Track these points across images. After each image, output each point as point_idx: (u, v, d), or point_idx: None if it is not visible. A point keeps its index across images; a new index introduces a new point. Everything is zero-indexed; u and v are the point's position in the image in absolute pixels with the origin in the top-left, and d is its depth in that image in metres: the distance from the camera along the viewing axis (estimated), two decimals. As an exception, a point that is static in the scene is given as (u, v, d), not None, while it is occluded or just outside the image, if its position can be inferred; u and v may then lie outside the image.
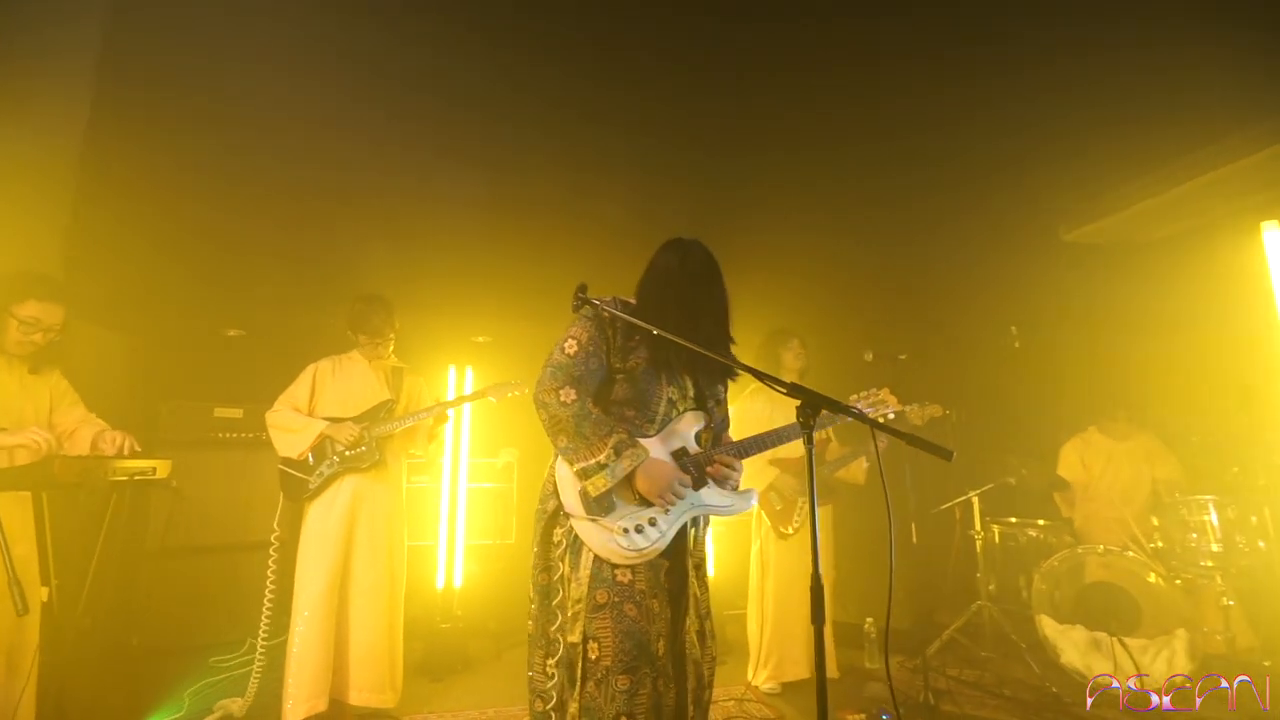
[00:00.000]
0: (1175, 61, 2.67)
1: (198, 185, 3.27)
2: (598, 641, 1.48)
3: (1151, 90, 2.88)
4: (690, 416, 1.70)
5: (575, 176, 3.47)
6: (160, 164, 3.08)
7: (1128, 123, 3.17)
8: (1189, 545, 2.89)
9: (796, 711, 2.71)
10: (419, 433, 2.79)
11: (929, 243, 4.08)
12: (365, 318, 2.71)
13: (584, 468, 1.54)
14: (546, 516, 1.65)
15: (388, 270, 4.26)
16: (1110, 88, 2.94)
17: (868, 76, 2.80)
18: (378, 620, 2.56)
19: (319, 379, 2.73)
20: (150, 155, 2.99)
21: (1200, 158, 3.40)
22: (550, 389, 1.59)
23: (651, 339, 1.62)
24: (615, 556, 1.54)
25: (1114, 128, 3.20)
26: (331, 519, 2.54)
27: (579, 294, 1.65)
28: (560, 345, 1.65)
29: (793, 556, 3.04)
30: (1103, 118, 3.14)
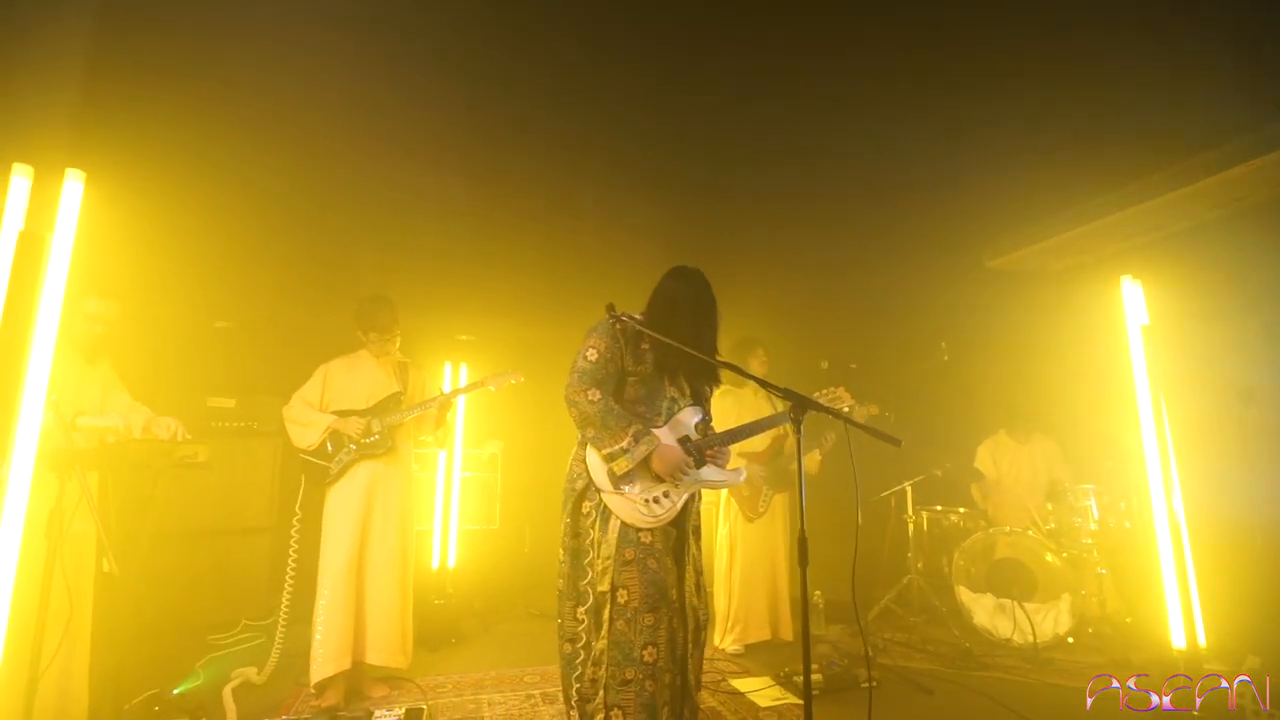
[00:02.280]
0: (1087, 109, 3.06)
1: (189, 183, 3.35)
2: (626, 589, 1.86)
3: (1064, 134, 3.30)
4: (689, 410, 2.10)
5: (552, 190, 3.77)
6: (152, 160, 3.13)
7: (1041, 166, 3.67)
8: (1074, 526, 3.53)
9: (758, 665, 3.16)
10: (427, 420, 3.07)
11: (875, 265, 4.64)
12: (373, 316, 2.96)
13: (610, 452, 1.92)
14: (576, 493, 2.01)
15: (375, 271, 4.49)
16: (1031, 129, 3.26)
17: (814, 105, 3.05)
18: (392, 590, 2.84)
19: (330, 377, 2.97)
20: (142, 149, 3.00)
21: (1097, 205, 4.08)
22: (579, 390, 1.96)
23: (658, 348, 2.02)
24: (639, 521, 1.92)
25: (1030, 169, 3.69)
26: (351, 501, 2.80)
27: (610, 311, 2.02)
28: (583, 353, 2.02)
29: (757, 538, 3.50)
30: (1019, 160, 3.59)
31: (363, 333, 3.00)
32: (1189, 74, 2.84)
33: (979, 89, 2.96)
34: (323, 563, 2.74)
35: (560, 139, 3.33)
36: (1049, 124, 3.22)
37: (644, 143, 3.41)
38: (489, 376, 3.04)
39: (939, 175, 3.68)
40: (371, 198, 3.79)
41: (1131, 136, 3.37)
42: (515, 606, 4.24)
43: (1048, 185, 3.91)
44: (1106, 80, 2.92)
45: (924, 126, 3.24)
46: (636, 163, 3.58)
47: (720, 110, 3.15)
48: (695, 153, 3.54)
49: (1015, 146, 3.41)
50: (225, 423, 3.88)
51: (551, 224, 4.12)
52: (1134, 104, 3.10)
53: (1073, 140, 3.39)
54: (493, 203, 3.91)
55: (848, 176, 3.68)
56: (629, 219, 4.11)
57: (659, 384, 2.06)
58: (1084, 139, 3.36)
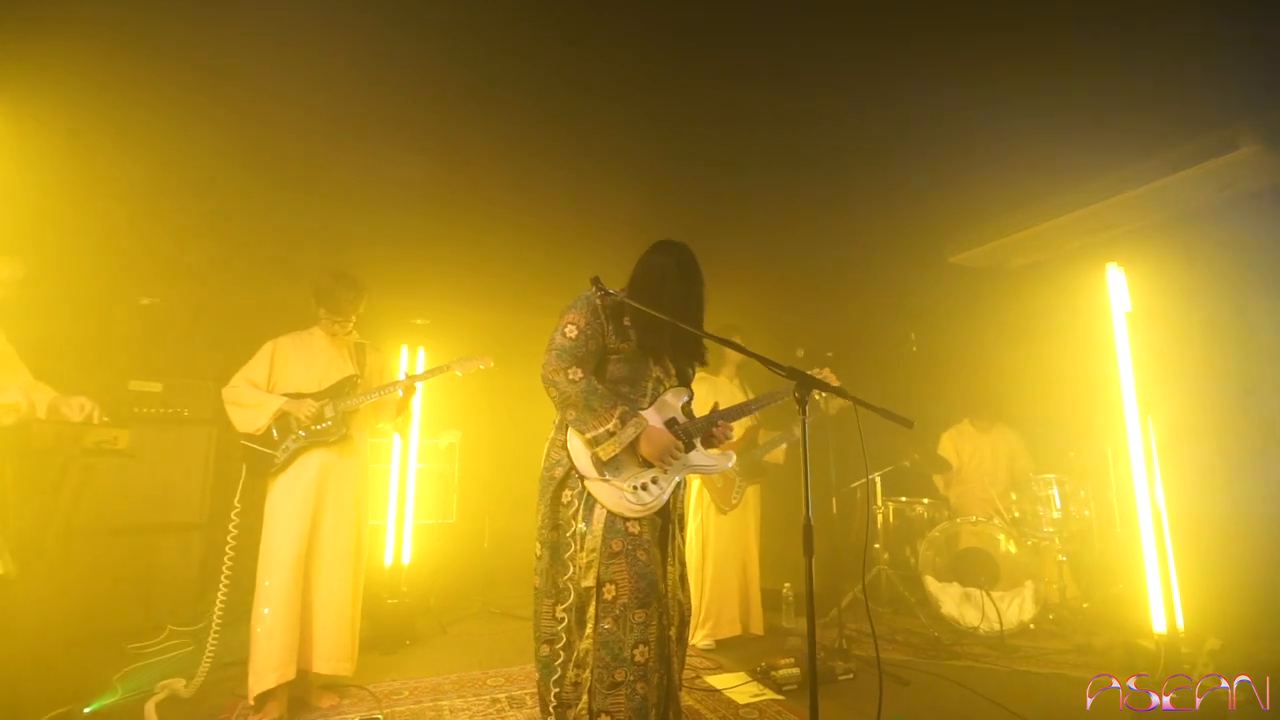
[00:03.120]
0: (1045, 110, 3.08)
1: (114, 141, 3.04)
2: (614, 584, 1.71)
3: (1022, 134, 3.38)
4: (675, 392, 1.97)
5: (517, 166, 3.57)
6: (74, 116, 2.82)
7: (1004, 167, 3.73)
8: (1037, 514, 3.58)
9: (731, 660, 3.07)
10: (386, 407, 2.84)
11: (845, 256, 4.64)
12: (330, 294, 2.72)
13: (595, 436, 1.76)
14: (555, 482, 1.85)
15: (324, 248, 4.18)
16: (989, 131, 3.26)
17: (796, 103, 3.04)
18: (343, 590, 2.60)
19: (278, 356, 2.71)
20: (63, 106, 2.71)
21: (1059, 202, 4.18)
22: (559, 369, 1.80)
23: (642, 325, 1.88)
24: (627, 510, 1.78)
25: (989, 169, 3.73)
26: (298, 492, 2.55)
27: (596, 284, 1.86)
28: (560, 330, 1.86)
29: (729, 531, 3.40)
30: (977, 159, 3.63)
31: (316, 307, 2.75)
32: (1149, 73, 2.90)
33: (942, 84, 2.94)
34: (264, 560, 2.48)
35: (526, 117, 3.17)
36: (1001, 124, 3.23)
37: (615, 126, 3.30)
38: (455, 361, 2.84)
39: (904, 171, 3.71)
40: (321, 169, 3.51)
41: (1086, 138, 3.46)
42: (473, 604, 4.03)
43: (1006, 184, 3.98)
44: (1065, 82, 2.97)
45: (889, 123, 3.23)
46: (607, 146, 3.46)
47: (692, 99, 3.07)
48: (668, 141, 3.44)
49: (974, 145, 3.44)
50: (150, 409, 3.51)
51: (516, 205, 3.94)
52: (1090, 104, 3.16)
53: (1027, 142, 3.44)
54: (454, 181, 3.70)
55: (818, 167, 3.65)
56: (597, 203, 3.95)
57: (643, 363, 1.92)
58: (1034, 142, 3.41)
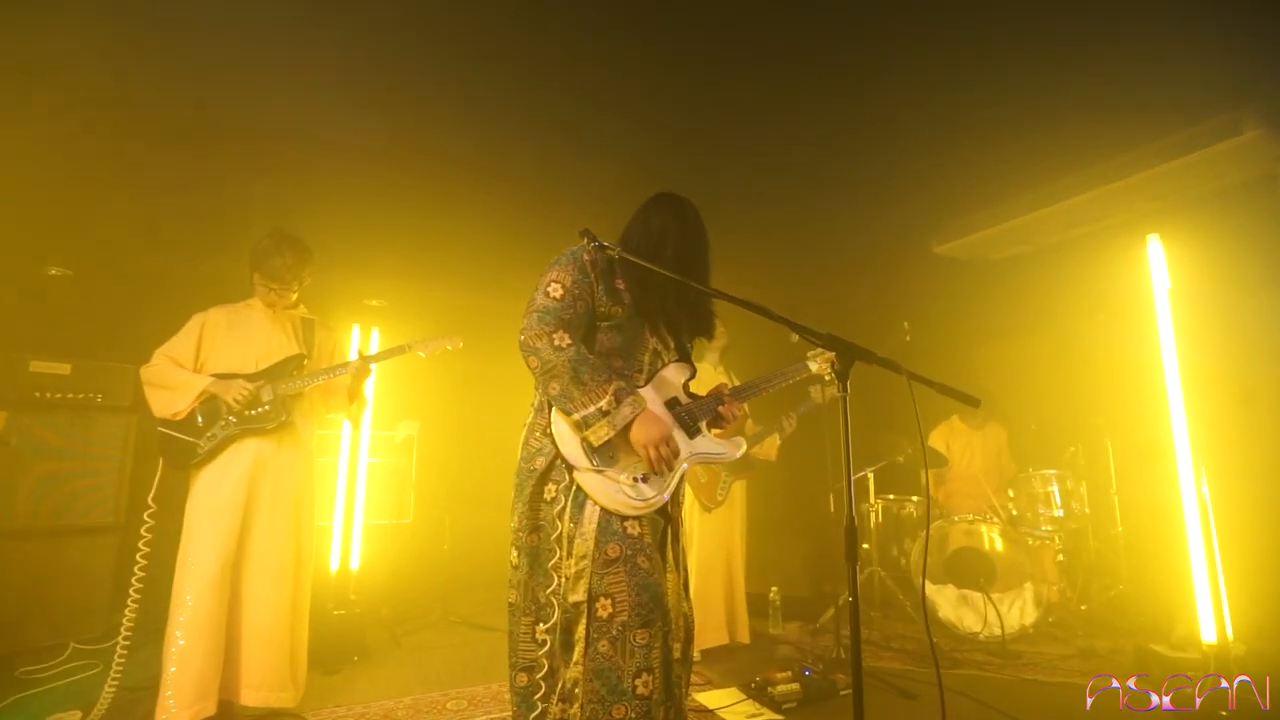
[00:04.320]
0: (1029, 102, 3.01)
1: (21, 87, 2.61)
2: (610, 597, 1.41)
3: (1006, 125, 3.24)
4: (676, 367, 1.69)
5: (486, 129, 3.23)
6: None
7: (988, 157, 3.57)
8: (1036, 512, 3.42)
9: (718, 674, 2.79)
10: (335, 392, 2.48)
11: (833, 243, 4.45)
12: (267, 257, 2.35)
13: (585, 416, 1.46)
14: (535, 475, 1.55)
15: (266, 216, 3.73)
16: (971, 127, 3.27)
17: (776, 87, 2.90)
18: (279, 606, 2.23)
19: (209, 331, 2.33)
20: None
21: (1041, 194, 4.07)
22: (541, 333, 1.49)
23: (638, 288, 1.59)
24: (625, 508, 1.48)
25: (975, 159, 3.60)
26: (226, 488, 2.17)
27: (587, 235, 1.56)
28: (542, 289, 1.55)
29: (714, 530, 3.13)
30: (961, 152, 3.49)
31: (255, 275, 2.37)
32: (1136, 62, 2.77)
33: (928, 72, 2.82)
34: (182, 569, 2.10)
35: (491, 78, 2.85)
36: (984, 115, 3.15)
37: (591, 94, 3.02)
38: (419, 340, 2.51)
39: (888, 158, 3.56)
40: (266, 128, 3.12)
41: (1070, 130, 3.36)
42: (431, 613, 3.65)
43: (989, 175, 3.88)
44: (1051, 74, 2.84)
45: (873, 109, 3.11)
46: (582, 116, 3.16)
47: (669, 81, 2.87)
48: (644, 119, 3.18)
49: (958, 136, 3.34)
50: (56, 393, 3.04)
51: (482, 175, 3.58)
52: (1075, 96, 3.04)
53: (1010, 133, 3.34)
54: (412, 147, 3.35)
55: (801, 152, 3.49)
56: (570, 177, 3.64)
57: (639, 332, 1.63)
58: (1017, 134, 3.31)
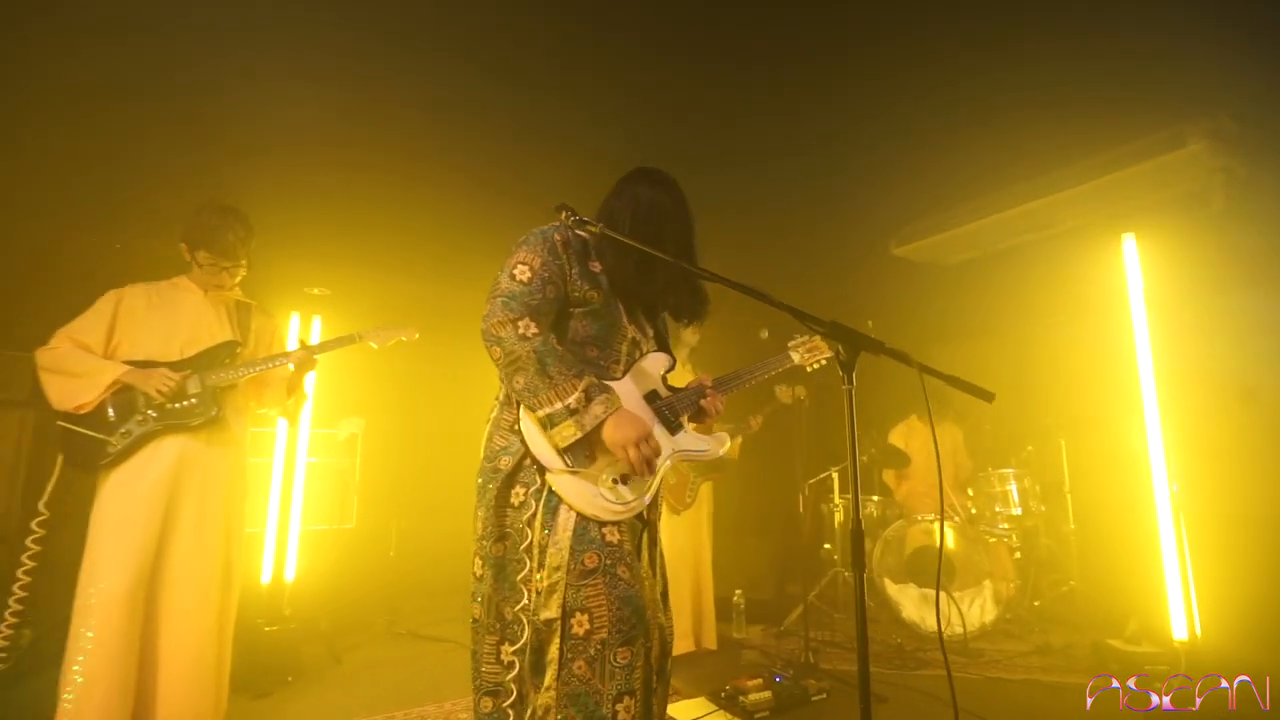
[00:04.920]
0: (984, 107, 2.92)
1: None
2: (588, 613, 1.27)
3: (960, 130, 3.23)
4: (655, 358, 1.57)
5: (444, 96, 2.99)
6: None
7: (944, 161, 3.56)
8: (994, 510, 3.46)
9: (684, 683, 2.68)
10: (272, 385, 2.24)
11: (791, 242, 4.42)
12: (215, 233, 2.11)
13: (550, 414, 1.32)
14: (501, 476, 1.39)
15: (196, 191, 3.39)
16: (928, 133, 3.18)
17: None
18: (203, 628, 1.99)
19: (124, 311, 2.06)
20: None
21: (996, 200, 4.15)
22: (505, 320, 1.33)
23: (616, 270, 1.47)
24: (603, 512, 1.35)
25: (930, 167, 3.59)
26: (143, 492, 1.92)
27: (566, 211, 1.42)
28: (508, 271, 1.40)
29: (682, 533, 3.02)
30: (918, 157, 3.47)
31: (190, 252, 2.12)
32: (1094, 71, 2.81)
33: (888, 74, 2.69)
34: (86, 587, 1.83)
35: (450, 50, 2.61)
36: (940, 120, 3.07)
37: (557, 88, 2.82)
38: (370, 330, 2.30)
39: (845, 158, 3.48)
40: (193, 84, 2.78)
41: (1012, 146, 3.41)
42: (375, 625, 3.41)
43: (944, 182, 3.91)
44: (1008, 79, 2.83)
45: (831, 109, 2.97)
46: (547, 95, 2.96)
47: (628, 79, 2.72)
48: (603, 112, 2.97)
49: (915, 141, 3.27)
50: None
51: (440, 159, 3.34)
52: (1032, 100, 3.07)
53: (964, 143, 3.33)
54: (362, 122, 3.06)
55: (759, 151, 3.39)
56: (534, 168, 3.42)
57: (615, 318, 1.49)
58: (973, 138, 3.28)
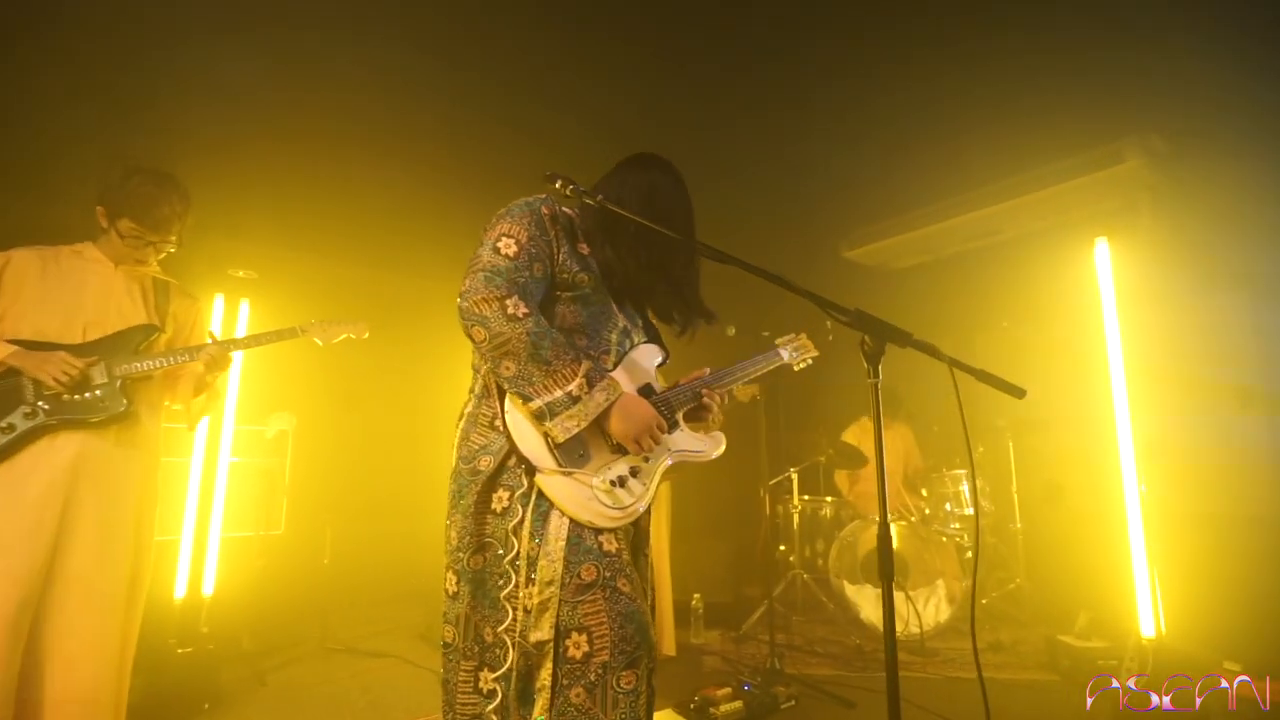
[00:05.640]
0: (934, 115, 3.05)
1: None
2: (586, 633, 1.13)
3: (911, 144, 3.32)
4: (647, 349, 1.44)
5: (389, 76, 2.75)
6: None
7: (893, 171, 3.64)
8: (946, 510, 3.53)
9: (649, 695, 2.56)
10: (185, 380, 1.95)
11: (752, 237, 4.38)
12: (147, 202, 1.81)
13: (548, 403, 1.18)
14: (481, 478, 1.24)
15: (100, 155, 3.00)
16: (880, 138, 3.31)
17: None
18: (102, 657, 1.70)
19: (11, 277, 1.75)
20: None
21: (944, 206, 4.27)
22: (490, 297, 1.18)
23: (615, 251, 1.34)
24: (600, 518, 1.21)
25: (881, 172, 3.64)
26: (28, 499, 1.62)
27: (562, 181, 1.27)
28: (491, 244, 1.25)
29: (643, 534, 2.90)
30: (870, 167, 3.56)
31: (109, 218, 1.82)
32: (1044, 84, 2.90)
33: (841, 80, 2.79)
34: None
35: (410, 24, 2.40)
36: (889, 132, 3.21)
37: (513, 57, 2.64)
38: (315, 323, 2.06)
39: (803, 164, 3.53)
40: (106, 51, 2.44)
41: (958, 156, 3.52)
42: (307, 640, 3.10)
43: (893, 187, 3.99)
44: (959, 88, 2.87)
45: (785, 116, 3.08)
46: (512, 92, 2.78)
47: (585, 68, 2.65)
48: (567, 102, 2.87)
49: (867, 146, 3.37)
50: None
51: (387, 126, 3.07)
52: (981, 113, 3.15)
53: (916, 150, 3.41)
54: (300, 86, 2.78)
55: (714, 153, 3.36)
56: (492, 150, 3.22)
57: (605, 306, 1.36)
58: (923, 146, 3.38)
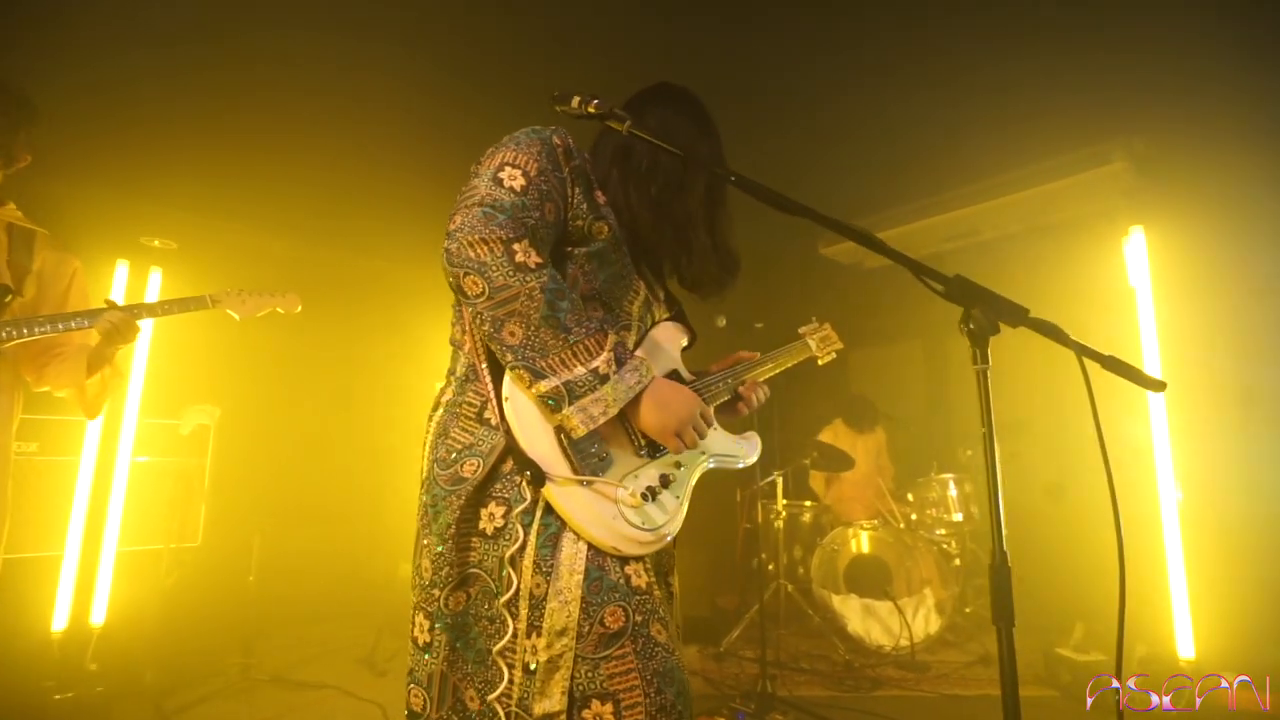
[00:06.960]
0: (911, 116, 3.03)
1: None
2: (613, 701, 0.84)
3: (891, 142, 3.28)
4: (670, 328, 1.16)
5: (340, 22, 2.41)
6: None
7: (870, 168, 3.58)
8: (933, 516, 3.38)
9: None
10: (67, 357, 1.54)
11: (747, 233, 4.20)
12: None
13: (567, 383, 0.88)
14: (466, 489, 0.93)
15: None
16: (858, 138, 3.26)
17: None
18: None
19: None
20: None
21: (918, 207, 4.19)
22: (492, 238, 0.86)
23: (642, 200, 1.04)
24: (627, 544, 0.92)
25: (858, 168, 3.58)
26: None
27: (579, 104, 0.94)
28: (492, 174, 0.92)
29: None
30: (848, 161, 3.48)
31: None
32: (1025, 88, 2.84)
33: (811, 81, 2.75)
34: None
35: None
36: (870, 127, 3.15)
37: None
38: (234, 292, 1.69)
39: (781, 158, 3.38)
40: None
41: (935, 158, 3.45)
42: (225, 671, 2.63)
43: (872, 186, 3.90)
44: (938, 90, 2.84)
45: (766, 110, 2.98)
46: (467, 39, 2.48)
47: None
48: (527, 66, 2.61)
49: (849, 144, 3.30)
50: None
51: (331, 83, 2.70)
52: (959, 114, 3.09)
53: (896, 148, 3.35)
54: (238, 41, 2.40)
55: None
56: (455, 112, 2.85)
57: (625, 269, 1.06)
58: (899, 149, 3.35)
